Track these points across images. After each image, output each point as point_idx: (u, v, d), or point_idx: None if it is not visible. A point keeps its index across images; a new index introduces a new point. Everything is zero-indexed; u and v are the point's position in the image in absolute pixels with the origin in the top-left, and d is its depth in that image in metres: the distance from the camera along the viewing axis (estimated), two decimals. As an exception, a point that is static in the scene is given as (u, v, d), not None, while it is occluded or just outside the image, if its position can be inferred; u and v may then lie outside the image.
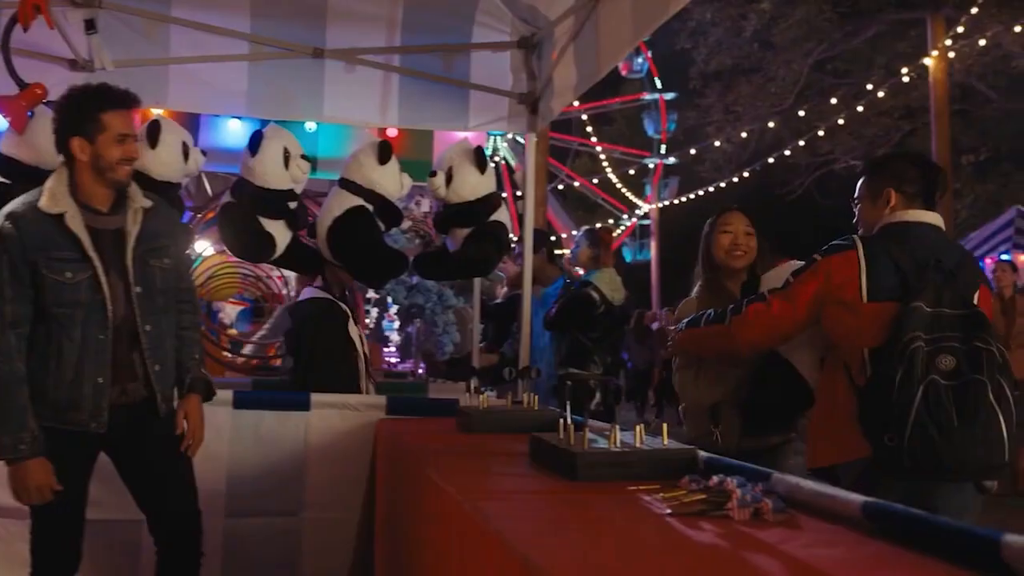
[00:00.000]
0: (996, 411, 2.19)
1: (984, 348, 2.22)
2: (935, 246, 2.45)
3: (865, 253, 2.43)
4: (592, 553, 1.31)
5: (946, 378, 2.20)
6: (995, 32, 16.43)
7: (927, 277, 2.33)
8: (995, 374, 2.21)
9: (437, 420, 3.12)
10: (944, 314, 2.27)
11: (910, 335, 2.23)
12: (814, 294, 2.49)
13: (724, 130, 21.00)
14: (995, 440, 2.20)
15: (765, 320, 2.59)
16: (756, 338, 2.64)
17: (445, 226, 3.73)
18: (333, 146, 4.84)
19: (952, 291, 2.31)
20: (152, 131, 3.32)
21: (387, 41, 3.78)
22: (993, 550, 1.12)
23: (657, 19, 2.58)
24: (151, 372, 2.57)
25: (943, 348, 2.22)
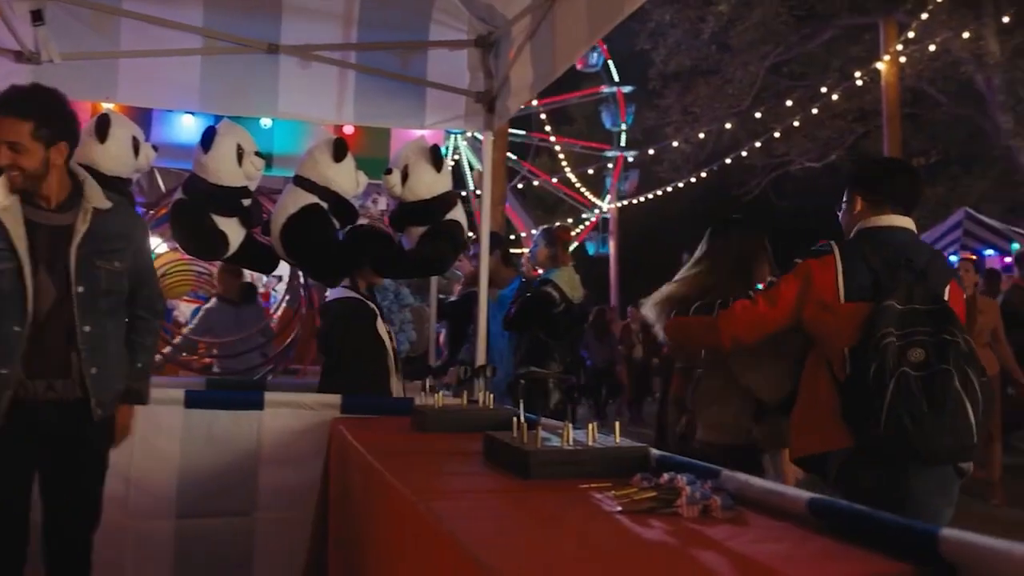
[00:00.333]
0: (963, 398, 2.32)
1: (951, 340, 2.36)
2: (905, 247, 2.62)
3: (841, 256, 2.60)
4: (543, 552, 1.31)
5: (916, 369, 2.35)
6: (944, 38, 16.80)
7: (898, 277, 2.51)
8: (962, 364, 2.34)
9: (392, 419, 3.11)
10: (915, 310, 2.42)
11: (882, 331, 2.39)
12: (796, 295, 2.66)
13: (682, 130, 21.18)
14: (963, 426, 2.33)
15: (750, 316, 2.74)
16: (739, 332, 2.78)
17: (401, 224, 3.71)
18: (289, 143, 4.78)
19: (923, 288, 2.47)
20: (101, 125, 3.26)
21: (343, 37, 3.75)
22: (931, 544, 1.14)
23: (612, 19, 2.59)
24: (87, 374, 2.53)
25: (914, 342, 2.37)
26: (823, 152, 20.62)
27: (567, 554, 1.28)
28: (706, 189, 21.42)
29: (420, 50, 3.87)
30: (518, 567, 1.21)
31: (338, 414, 3.25)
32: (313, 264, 3.66)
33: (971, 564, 1.11)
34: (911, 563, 1.17)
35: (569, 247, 5.23)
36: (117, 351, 2.65)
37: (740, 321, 2.76)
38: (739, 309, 2.76)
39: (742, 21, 19.61)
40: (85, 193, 2.58)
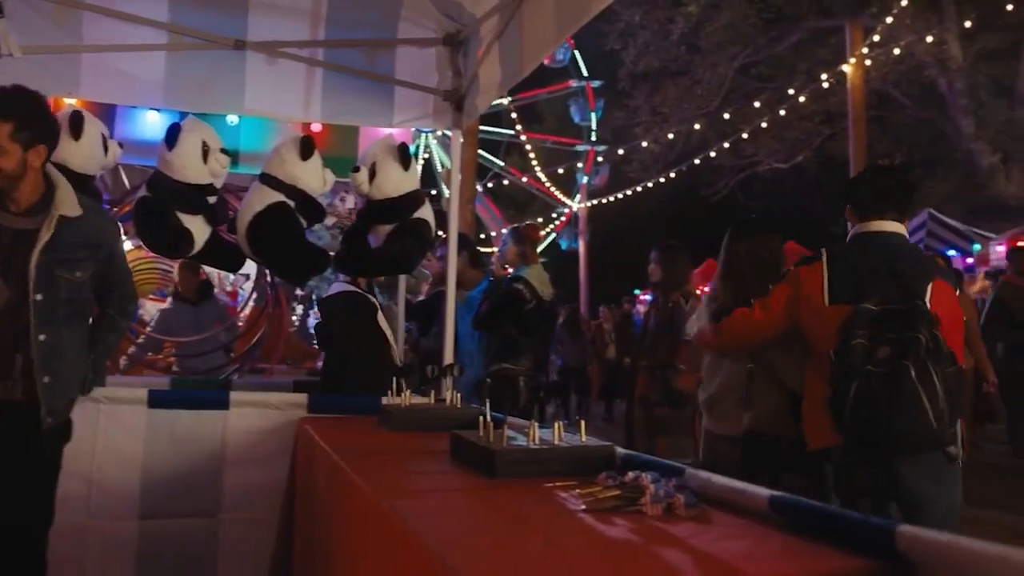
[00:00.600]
0: (919, 391, 2.45)
1: (914, 337, 2.48)
2: (889, 251, 2.80)
3: (828, 262, 2.85)
4: (506, 550, 1.31)
5: (881, 367, 2.50)
6: (908, 42, 17.06)
7: (877, 280, 2.70)
8: (922, 358, 2.46)
9: (359, 419, 3.09)
10: (889, 311, 2.58)
11: (852, 333, 2.58)
12: (786, 300, 2.92)
13: (652, 131, 21.31)
14: (918, 415, 2.46)
15: (747, 321, 3.02)
16: (740, 336, 3.06)
17: (368, 223, 3.69)
18: (256, 140, 4.74)
19: (900, 289, 2.64)
20: (75, 122, 3.20)
21: (311, 34, 3.72)
22: (888, 539, 1.16)
23: (579, 19, 2.60)
24: (38, 382, 2.51)
25: (883, 340, 2.53)
26: (790, 153, 20.85)
27: (530, 553, 1.29)
28: (675, 189, 21.57)
29: (388, 48, 3.85)
30: (481, 566, 1.21)
31: (304, 413, 3.23)
32: (280, 262, 3.62)
33: (928, 559, 1.12)
34: (869, 559, 1.18)
35: (538, 246, 5.26)
36: (75, 359, 2.63)
37: (739, 327, 3.04)
38: (737, 316, 3.04)
39: (711, 23, 19.77)
40: (56, 199, 2.56)
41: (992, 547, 1.04)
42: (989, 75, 18.80)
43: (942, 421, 2.48)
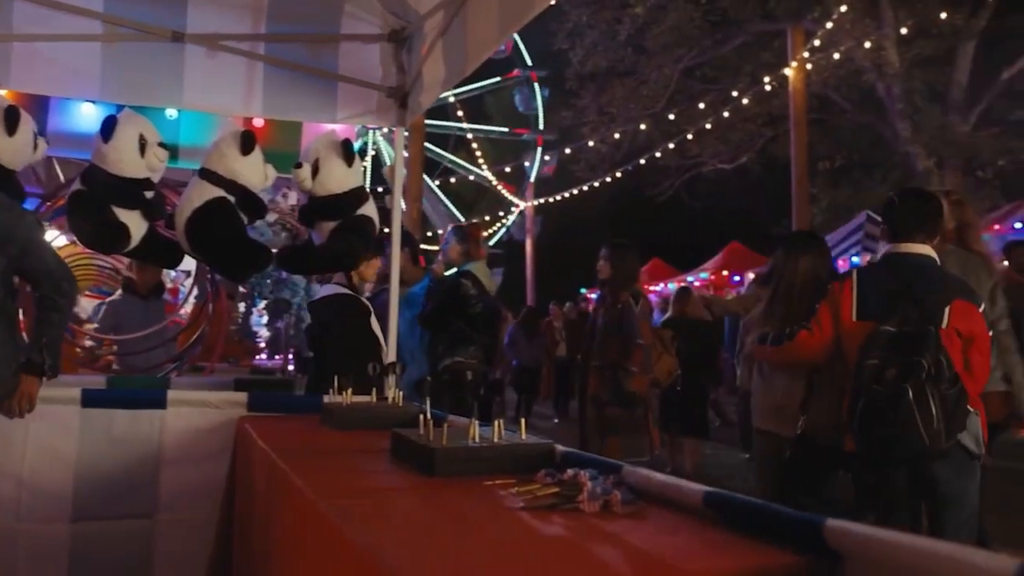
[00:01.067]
0: (914, 411, 2.75)
1: (916, 362, 2.77)
2: (914, 273, 3.07)
3: (857, 280, 3.14)
4: (442, 549, 1.31)
5: (887, 387, 2.81)
6: (848, 47, 17.44)
7: (899, 302, 2.95)
8: (921, 382, 2.76)
9: (301, 417, 3.06)
10: (904, 334, 2.86)
11: (869, 352, 2.87)
12: (830, 314, 3.18)
13: (598, 130, 21.46)
14: (913, 435, 2.77)
15: (811, 344, 3.26)
16: (807, 356, 3.30)
17: (311, 219, 3.65)
18: (196, 134, 4.66)
19: (919, 312, 2.91)
20: (10, 118, 3.09)
21: (251, 28, 3.66)
22: (817, 533, 1.18)
23: (523, 17, 2.60)
24: None
25: (892, 363, 2.82)
26: (734, 154, 21.19)
27: (466, 551, 1.28)
28: (621, 188, 21.75)
29: (332, 43, 3.81)
30: (417, 565, 1.20)
31: (245, 412, 3.19)
32: (220, 259, 3.56)
33: (854, 551, 1.15)
34: (799, 552, 1.20)
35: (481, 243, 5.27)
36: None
37: (803, 350, 3.29)
38: (803, 338, 3.27)
39: (657, 24, 19.96)
40: None
41: (917, 539, 1.06)
42: (924, 81, 19.33)
43: (936, 438, 2.78)
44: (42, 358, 2.84)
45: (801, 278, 3.66)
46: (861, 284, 3.12)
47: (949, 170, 18.94)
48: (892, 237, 3.20)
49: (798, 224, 14.14)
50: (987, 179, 19.29)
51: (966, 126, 19.03)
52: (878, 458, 2.95)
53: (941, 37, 18.52)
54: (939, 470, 2.96)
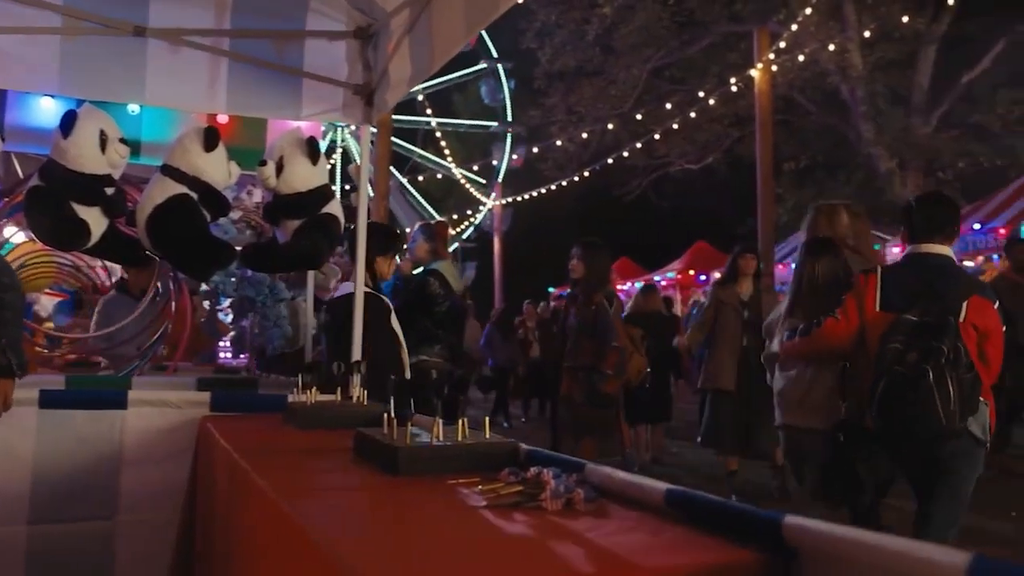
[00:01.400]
0: (933, 391, 3.03)
1: (937, 347, 3.05)
2: (934, 270, 3.37)
3: (881, 275, 3.44)
4: (402, 548, 1.30)
5: (908, 369, 3.07)
6: (813, 49, 17.65)
7: (921, 295, 3.25)
8: (941, 365, 3.03)
9: (264, 416, 3.04)
10: (925, 323, 3.13)
11: (892, 338, 3.14)
12: (856, 305, 3.44)
13: (567, 130, 21.52)
14: (931, 412, 3.03)
15: (838, 329, 3.49)
16: (834, 343, 3.52)
17: (275, 217, 3.62)
18: (158, 130, 4.59)
19: (940, 305, 3.19)
20: None
21: (215, 23, 3.61)
22: (775, 530, 1.19)
23: (489, 15, 2.60)
24: None
25: (914, 347, 3.09)
26: (701, 154, 21.36)
27: (428, 550, 1.28)
28: (589, 188, 21.83)
29: (297, 39, 3.77)
30: (378, 565, 1.20)
31: (207, 412, 3.15)
32: (182, 256, 3.52)
33: (811, 547, 1.16)
34: (757, 549, 1.22)
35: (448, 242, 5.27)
36: None
37: (831, 336, 3.51)
38: (829, 326, 3.51)
39: (625, 24, 20.05)
40: None
41: (868, 535, 1.08)
42: (887, 84, 19.64)
43: (951, 418, 3.03)
44: (7, 359, 2.75)
45: (823, 279, 3.93)
46: (884, 279, 3.41)
47: (911, 171, 19.26)
48: (911, 239, 3.51)
49: (763, 223, 14.27)
50: (947, 180, 19.63)
51: (927, 128, 19.36)
52: (896, 436, 3.20)
53: (903, 41, 18.82)
54: (947, 452, 3.21)
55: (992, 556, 0.94)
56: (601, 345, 4.94)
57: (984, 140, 19.46)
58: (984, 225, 11.49)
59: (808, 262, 4.01)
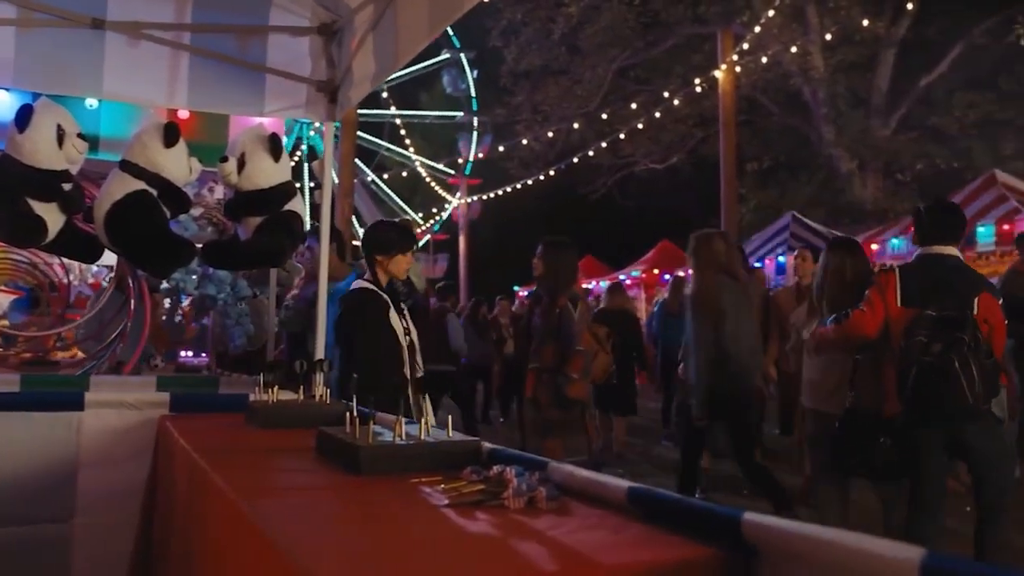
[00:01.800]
0: (960, 377, 3.43)
1: (960, 337, 3.46)
2: (946, 270, 3.79)
3: (900, 273, 3.83)
4: (363, 548, 1.29)
5: (934, 359, 3.47)
6: (776, 51, 17.86)
7: (937, 292, 3.65)
8: (964, 353, 3.44)
9: (225, 416, 3.00)
10: (945, 316, 3.53)
11: (916, 331, 3.54)
12: (880, 298, 3.81)
13: (532, 128, 21.55)
14: (959, 395, 3.43)
15: (865, 319, 3.83)
16: (863, 331, 3.84)
17: (237, 214, 3.57)
18: (117, 125, 4.52)
19: (954, 300, 3.60)
20: None
21: (176, 17, 3.56)
22: (735, 527, 1.20)
23: (454, 13, 2.59)
24: None
25: (937, 338, 3.49)
26: (665, 154, 21.51)
27: (389, 550, 1.27)
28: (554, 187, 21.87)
29: (260, 35, 3.73)
30: (337, 565, 1.19)
31: (167, 412, 3.11)
32: (141, 253, 3.46)
33: (770, 544, 1.17)
34: (718, 546, 1.23)
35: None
36: None
37: (859, 326, 3.84)
38: (856, 316, 3.86)
39: (591, 24, 20.14)
40: None
41: (827, 531, 1.09)
42: (847, 86, 19.94)
43: (977, 399, 3.43)
44: None
45: (849, 275, 4.26)
46: (903, 277, 3.81)
47: (870, 172, 19.57)
48: (923, 241, 3.91)
49: (726, 223, 14.41)
50: (905, 182, 19.98)
51: (886, 130, 19.70)
52: (926, 417, 3.58)
53: (863, 44, 19.13)
54: (972, 432, 3.57)
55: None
56: (565, 349, 4.94)
57: (941, 142, 19.84)
58: (941, 226, 11.69)
59: (834, 260, 4.35)
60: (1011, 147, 19.37)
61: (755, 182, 21.64)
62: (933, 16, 18.71)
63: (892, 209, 18.41)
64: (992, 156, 18.78)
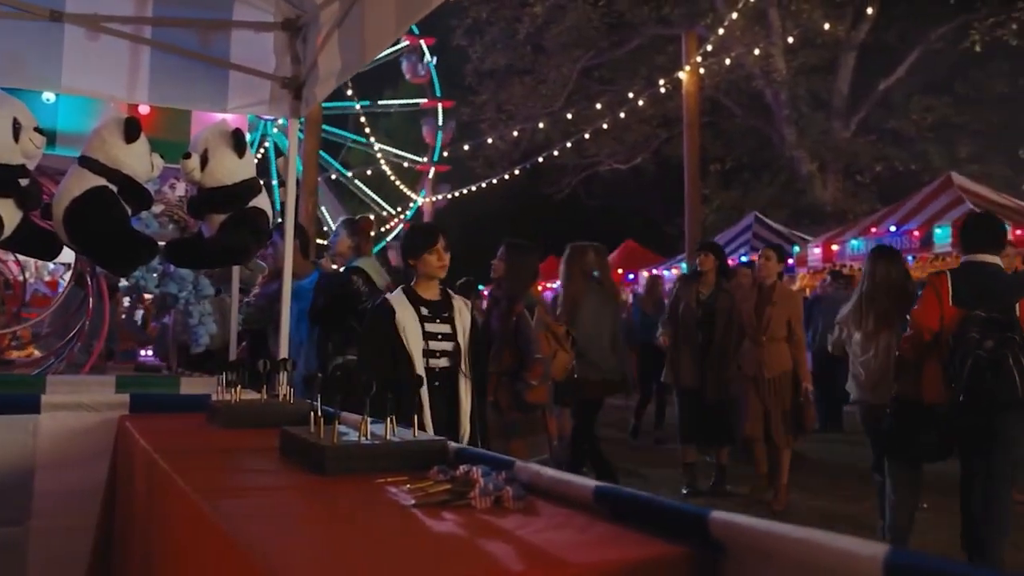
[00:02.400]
0: (1013, 371, 3.91)
1: (1011, 336, 3.96)
2: (989, 275, 4.29)
3: (951, 277, 4.29)
4: (330, 549, 1.28)
5: (988, 353, 3.95)
6: (739, 53, 18.04)
7: (984, 295, 4.17)
8: (1015, 349, 3.93)
9: (187, 416, 2.96)
10: (993, 318, 4.03)
11: (969, 330, 4.02)
12: (934, 299, 4.26)
13: (497, 128, 21.53)
14: (1011, 386, 3.91)
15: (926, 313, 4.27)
16: (928, 323, 4.25)
17: (199, 211, 3.51)
18: (76, 120, 4.43)
19: (998, 303, 4.11)
20: None
21: (136, 10, 3.50)
22: (702, 526, 1.21)
23: (421, 10, 2.58)
24: None
25: (989, 336, 3.97)
26: (630, 154, 21.62)
27: (355, 550, 1.26)
28: (519, 187, 21.87)
29: (223, 29, 3.68)
30: (303, 566, 1.17)
31: (126, 413, 3.06)
32: (100, 251, 3.39)
33: (737, 542, 1.18)
34: (685, 544, 1.23)
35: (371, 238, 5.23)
36: None
37: (925, 315, 4.27)
38: (918, 312, 4.33)
39: (556, 24, 20.17)
40: None
41: (794, 529, 1.10)
42: (809, 88, 20.20)
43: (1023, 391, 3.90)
44: None
45: (894, 278, 4.84)
46: (953, 279, 4.26)
47: (831, 174, 19.84)
48: (967, 250, 4.43)
49: (690, 224, 14.51)
50: (865, 183, 20.29)
51: (847, 133, 19.99)
52: (980, 405, 4.01)
53: (824, 47, 19.39)
54: (1011, 420, 4.02)
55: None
56: (524, 356, 4.95)
57: (900, 145, 20.20)
58: (900, 228, 11.87)
59: (880, 268, 4.89)
60: (967, 150, 19.79)
61: (718, 183, 21.83)
62: (892, 21, 19.05)
63: (852, 210, 18.70)
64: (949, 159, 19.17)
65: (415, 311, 3.58)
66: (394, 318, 3.54)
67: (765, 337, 6.11)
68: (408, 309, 3.57)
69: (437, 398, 3.55)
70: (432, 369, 3.58)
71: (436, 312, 3.66)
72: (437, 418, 3.48)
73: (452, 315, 3.69)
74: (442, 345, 3.62)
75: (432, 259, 3.62)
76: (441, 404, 3.57)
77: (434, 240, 3.64)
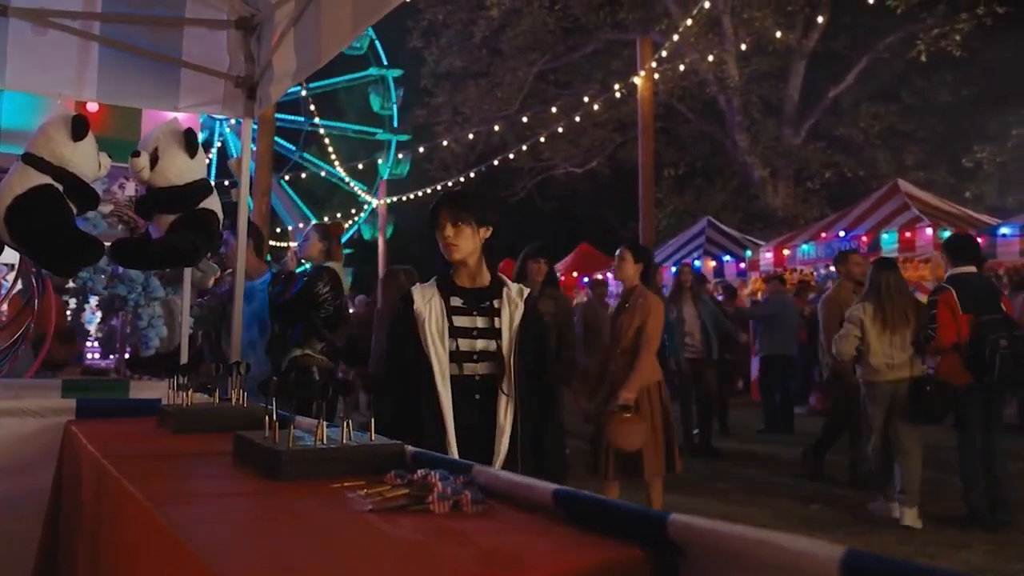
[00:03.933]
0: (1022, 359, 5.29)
1: (1019, 336, 5.39)
2: (976, 285, 5.60)
3: (954, 288, 5.47)
4: (283, 555, 1.26)
5: (1006, 349, 5.26)
6: (692, 59, 18.26)
7: (981, 301, 5.47)
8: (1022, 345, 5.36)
9: (136, 421, 2.89)
10: (996, 319, 5.41)
11: (987, 332, 5.34)
12: (950, 313, 5.45)
13: (452, 130, 21.52)
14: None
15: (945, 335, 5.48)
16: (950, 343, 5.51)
17: (148, 211, 3.44)
18: (20, 116, 4.33)
19: (991, 304, 5.51)
20: None
21: (85, 5, 3.42)
22: (660, 528, 1.21)
23: (377, 11, 2.56)
24: None
25: (1001, 335, 5.33)
26: (585, 158, 21.76)
27: (309, 555, 1.24)
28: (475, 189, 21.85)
29: (175, 27, 3.62)
30: (255, 572, 1.15)
31: (72, 418, 2.98)
32: (44, 251, 3.30)
33: (696, 544, 1.19)
34: (643, 547, 1.23)
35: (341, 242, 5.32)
36: None
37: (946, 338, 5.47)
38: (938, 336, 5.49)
39: (512, 27, 20.22)
40: None
41: (751, 531, 1.11)
42: (761, 95, 20.52)
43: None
44: None
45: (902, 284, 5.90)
46: (957, 291, 5.43)
47: (782, 180, 20.17)
48: (953, 264, 5.69)
49: (644, 228, 14.64)
50: (815, 189, 20.67)
51: (797, 139, 20.34)
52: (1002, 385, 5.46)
53: (776, 55, 19.72)
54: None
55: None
56: None
57: (848, 152, 20.62)
58: (848, 233, 12.12)
59: (886, 276, 5.84)
60: (913, 157, 20.28)
61: (672, 187, 22.07)
62: (841, 30, 19.45)
63: (802, 215, 19.04)
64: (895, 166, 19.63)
65: (443, 301, 2.87)
66: (412, 308, 2.89)
67: (619, 350, 5.36)
68: (434, 298, 2.87)
69: (476, 414, 2.82)
70: (469, 377, 2.84)
71: (473, 302, 2.90)
72: (473, 441, 2.77)
73: (499, 308, 2.89)
74: (479, 345, 2.86)
75: (438, 238, 2.95)
76: (481, 422, 2.82)
77: (434, 215, 2.97)
